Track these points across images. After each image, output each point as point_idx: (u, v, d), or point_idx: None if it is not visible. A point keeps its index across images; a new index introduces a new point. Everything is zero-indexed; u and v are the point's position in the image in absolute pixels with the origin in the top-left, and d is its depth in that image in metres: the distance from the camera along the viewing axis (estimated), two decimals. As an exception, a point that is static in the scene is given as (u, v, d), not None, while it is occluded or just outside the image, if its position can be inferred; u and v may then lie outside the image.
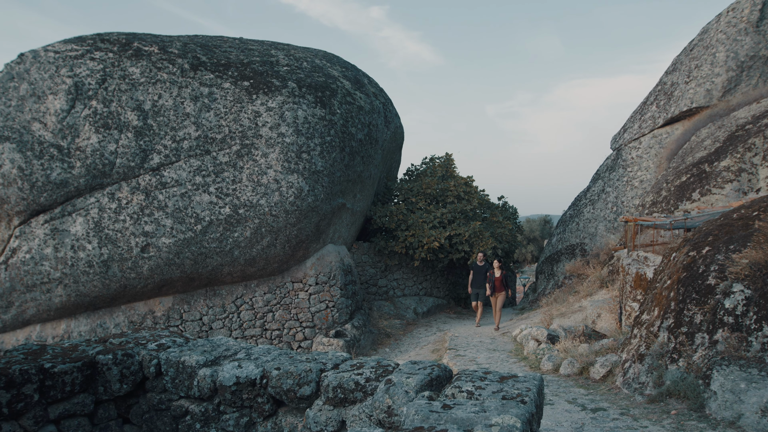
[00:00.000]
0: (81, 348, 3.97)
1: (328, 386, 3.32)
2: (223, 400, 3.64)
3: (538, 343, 9.76)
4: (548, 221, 43.37)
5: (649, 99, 18.74)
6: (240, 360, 3.77)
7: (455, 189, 17.79)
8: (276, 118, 12.44)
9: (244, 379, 3.56)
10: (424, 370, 3.26)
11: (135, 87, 12.07)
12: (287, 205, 12.39)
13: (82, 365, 3.72)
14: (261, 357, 3.81)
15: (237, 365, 3.65)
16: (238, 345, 4.13)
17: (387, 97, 17.02)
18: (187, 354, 3.87)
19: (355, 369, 3.45)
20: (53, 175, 11.54)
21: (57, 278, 11.70)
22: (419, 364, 3.39)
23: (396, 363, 3.54)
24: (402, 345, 14.23)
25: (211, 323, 12.88)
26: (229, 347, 4.08)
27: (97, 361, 3.83)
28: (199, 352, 3.90)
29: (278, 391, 3.46)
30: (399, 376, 3.19)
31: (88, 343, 4.10)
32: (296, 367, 3.45)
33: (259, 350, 3.97)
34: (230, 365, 3.65)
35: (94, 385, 3.82)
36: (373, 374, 3.34)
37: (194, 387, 3.74)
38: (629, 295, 9.63)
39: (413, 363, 3.42)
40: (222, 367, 3.66)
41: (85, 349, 3.95)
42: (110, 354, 3.86)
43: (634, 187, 17.18)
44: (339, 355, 3.75)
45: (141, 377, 3.98)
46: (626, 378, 6.97)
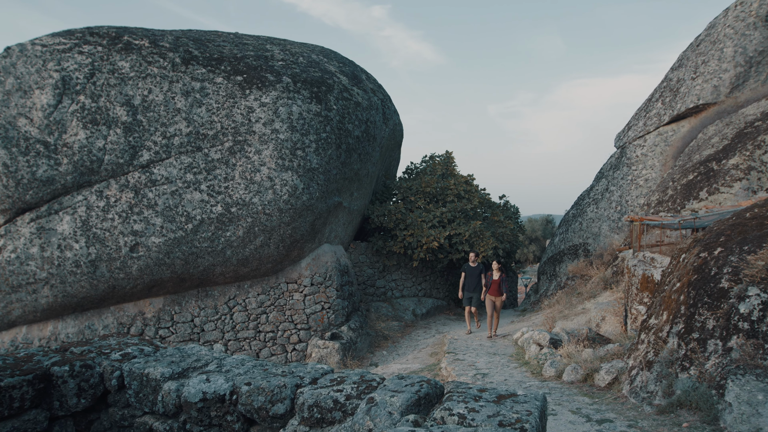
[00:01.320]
0: (36, 358, 3.60)
1: (304, 404, 2.95)
2: (189, 417, 3.26)
3: (540, 348, 9.37)
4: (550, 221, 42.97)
5: (654, 96, 18.33)
6: (209, 373, 3.39)
7: (455, 188, 17.39)
8: (270, 114, 12.07)
9: (211, 395, 3.18)
10: (411, 386, 2.88)
11: (124, 81, 11.70)
12: (281, 203, 12.01)
13: (34, 378, 3.34)
14: (233, 369, 3.43)
15: (205, 379, 3.27)
16: (211, 355, 3.76)
17: (385, 93, 16.64)
18: (152, 365, 3.49)
19: (335, 384, 3.08)
20: (39, 172, 11.18)
21: (43, 278, 11.34)
22: (407, 380, 3.01)
23: (381, 377, 3.16)
24: (400, 347, 13.85)
25: (203, 325, 12.51)
26: (200, 357, 3.70)
27: (51, 373, 3.45)
28: (166, 363, 3.53)
29: (249, 408, 3.09)
30: (383, 394, 2.81)
31: (45, 352, 3.72)
32: (269, 382, 3.08)
33: (232, 361, 3.59)
34: (197, 379, 3.28)
35: (49, 400, 3.45)
36: (354, 391, 2.96)
37: (159, 402, 3.37)
38: (635, 298, 9.23)
39: (400, 378, 3.04)
40: (189, 381, 3.29)
41: (40, 360, 3.57)
42: (67, 365, 3.48)
43: (638, 186, 16.77)
44: (319, 367, 3.37)
45: (102, 390, 3.61)
46: (633, 386, 6.58)
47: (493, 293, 12.24)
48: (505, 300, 12.39)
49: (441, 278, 18.20)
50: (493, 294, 12.25)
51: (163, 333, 12.30)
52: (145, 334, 12.19)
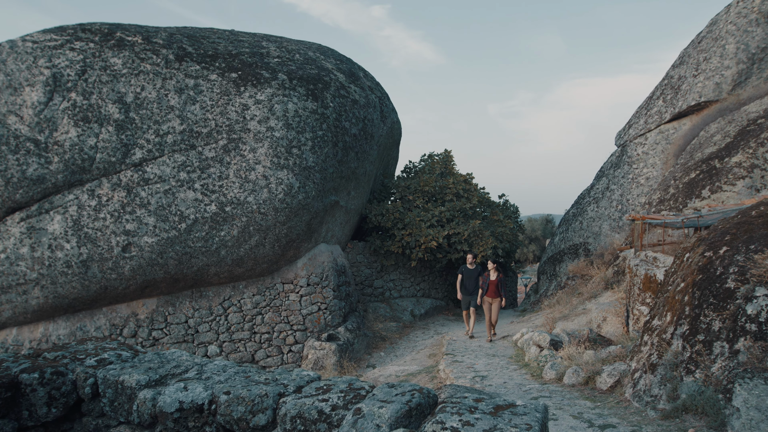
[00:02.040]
0: (5, 365, 3.39)
1: (286, 415, 2.73)
2: (164, 428, 3.05)
3: (540, 349, 9.17)
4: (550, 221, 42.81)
5: (655, 93, 18.13)
6: (188, 380, 3.18)
7: (454, 186, 17.18)
8: (265, 112, 11.86)
9: (189, 404, 2.97)
10: (402, 396, 2.67)
11: (117, 78, 11.49)
12: (276, 202, 11.80)
13: (0, 386, 3.13)
14: (214, 376, 3.22)
15: (183, 387, 3.07)
16: (192, 360, 3.55)
17: (383, 91, 16.43)
18: (127, 372, 3.28)
19: (321, 393, 2.86)
20: (29, 170, 10.96)
21: (34, 279, 11.12)
22: (397, 388, 2.80)
23: (371, 385, 2.95)
24: (398, 349, 13.65)
25: (197, 326, 12.30)
26: (180, 363, 3.49)
27: (20, 380, 3.24)
28: (143, 370, 3.32)
29: (228, 419, 2.88)
30: (371, 404, 2.60)
31: (15, 358, 3.51)
32: (249, 391, 2.86)
33: (213, 367, 3.38)
34: (174, 387, 3.07)
35: (17, 410, 3.24)
36: (341, 400, 2.75)
37: (134, 412, 3.16)
38: (637, 298, 9.02)
39: (390, 387, 2.83)
40: (165, 389, 3.08)
41: (9, 366, 3.36)
42: (37, 372, 3.28)
43: (639, 185, 16.57)
44: (305, 374, 3.16)
45: (75, 399, 3.40)
46: (636, 390, 6.37)
47: (490, 295, 11.66)
48: (504, 303, 11.79)
49: (440, 278, 18.00)
50: (490, 296, 11.67)
51: (156, 334, 12.09)
52: (138, 335, 11.99)
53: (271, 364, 12.62)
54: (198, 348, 12.26)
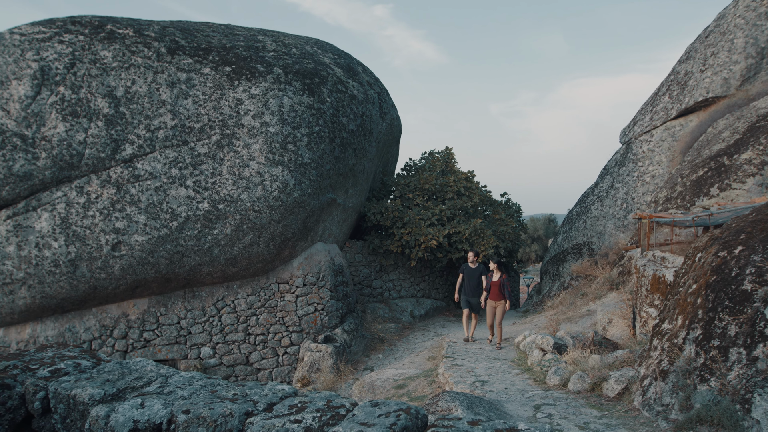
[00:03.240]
0: (-53, 376, 3.03)
1: (253, 438, 2.38)
2: (119, 450, 2.69)
3: (543, 353, 8.80)
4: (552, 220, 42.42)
5: (661, 90, 17.72)
6: (147, 395, 2.82)
7: (455, 184, 16.80)
8: (259, 106, 11.50)
9: (144, 423, 2.62)
10: (386, 418, 2.31)
11: (106, 72, 11.14)
12: (271, 200, 11.45)
13: (-65, 402, 2.77)
14: (177, 390, 2.87)
15: (139, 403, 2.71)
16: (156, 371, 3.19)
17: (383, 86, 16.06)
18: (81, 385, 2.93)
19: (294, 412, 2.50)
20: (16, 166, 10.62)
21: (20, 278, 10.78)
22: (381, 407, 2.44)
23: (352, 402, 2.59)
24: (396, 351, 13.28)
25: (189, 327, 11.95)
26: (143, 374, 3.13)
27: (-40, 394, 2.89)
28: (99, 383, 2.96)
29: (188, 442, 2.52)
30: (350, 427, 2.23)
31: (-40, 368, 3.15)
32: (212, 409, 2.50)
33: (179, 380, 3.02)
34: (130, 403, 2.71)
35: (-43, 427, 2.88)
36: (316, 422, 2.39)
37: (86, 431, 2.80)
38: (645, 300, 8.64)
39: (373, 405, 2.47)
40: (120, 406, 2.72)
41: (-49, 378, 3.00)
42: (-20, 385, 2.91)
43: (645, 183, 16.17)
44: (279, 389, 2.80)
45: (24, 414, 3.04)
46: (646, 398, 5.99)
47: (493, 297, 10.84)
48: (508, 306, 10.86)
49: (440, 278, 17.62)
50: (493, 298, 10.83)
51: (147, 336, 11.74)
52: (129, 336, 11.64)
53: (266, 367, 12.27)
54: (191, 350, 11.91)
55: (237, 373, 12.10)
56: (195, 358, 11.91)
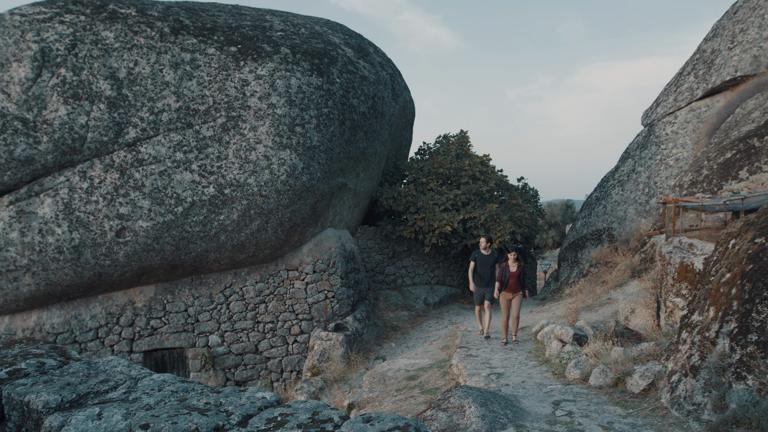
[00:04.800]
0: None
1: (222, 460, 2.00)
2: (74, 467, 2.34)
3: (562, 344, 8.35)
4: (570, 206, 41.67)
5: (685, 69, 16.96)
6: (108, 403, 2.46)
7: (470, 168, 16.29)
8: (266, 88, 11.09)
9: (98, 438, 2.25)
10: (378, 437, 1.91)
11: (108, 53, 10.80)
12: (279, 184, 11.07)
13: None
14: (143, 397, 2.50)
15: (96, 414, 2.34)
16: (127, 373, 2.83)
17: (395, 68, 15.54)
18: (37, 390, 2.57)
19: (273, 428, 2.12)
20: (17, 151, 10.36)
21: (24, 265, 10.57)
22: (375, 424, 2.04)
23: (342, 416, 2.20)
24: (409, 340, 12.92)
25: (197, 315, 11.69)
26: (111, 377, 2.77)
27: None
28: (58, 387, 2.60)
29: (148, 461, 2.16)
30: (334, 449, 1.83)
31: None
32: (174, 424, 2.13)
33: (148, 384, 2.65)
34: (86, 413, 2.35)
35: None
36: (296, 440, 2.00)
37: (41, 442, 2.45)
38: (671, 289, 8.14)
39: (366, 421, 2.07)
40: (74, 416, 2.35)
41: None
42: (-75, 389, 2.57)
43: (668, 166, 15.51)
44: (259, 397, 2.42)
45: (-23, 421, 2.70)
46: (675, 395, 5.54)
47: (509, 289, 9.69)
48: (527, 297, 9.96)
49: (455, 265, 17.19)
50: (509, 290, 9.70)
51: (154, 323, 11.51)
52: (136, 324, 11.42)
53: (276, 355, 11.99)
54: (198, 338, 11.66)
55: (246, 362, 11.85)
56: (203, 346, 11.67)
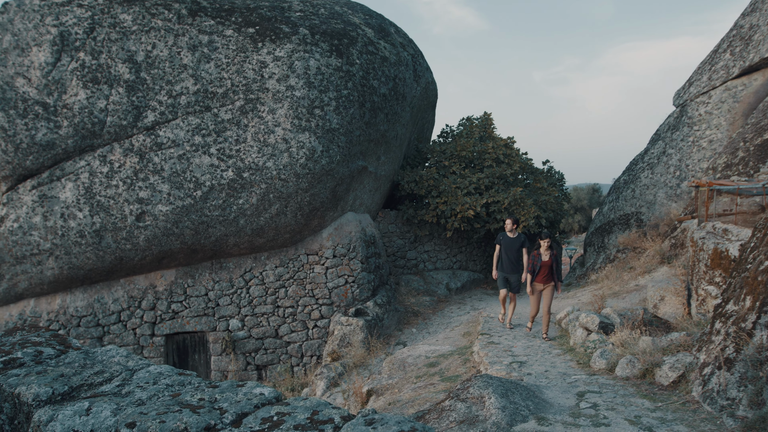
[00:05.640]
0: None
1: (211, 464, 1.85)
2: (63, 465, 2.21)
3: (587, 332, 8.08)
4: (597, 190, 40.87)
5: (721, 46, 16.24)
6: (99, 397, 2.32)
7: (494, 151, 15.92)
8: (284, 69, 10.90)
9: (85, 436, 2.12)
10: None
11: (126, 36, 10.71)
12: (298, 167, 10.93)
13: None
14: (136, 391, 2.36)
15: (86, 408, 2.21)
16: (124, 364, 2.70)
17: (417, 48, 15.20)
18: (28, 381, 2.45)
19: (267, 429, 1.95)
20: (38, 135, 10.39)
21: (47, 249, 10.67)
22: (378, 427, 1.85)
23: (343, 415, 2.02)
24: (431, 325, 12.75)
25: (217, 299, 11.69)
26: (107, 368, 2.65)
27: None
28: (51, 378, 2.48)
29: (135, 462, 2.02)
30: (330, 456, 1.66)
31: None
32: (162, 423, 1.98)
33: (143, 377, 2.52)
34: (74, 408, 2.22)
35: None
36: (292, 443, 1.83)
37: (31, 437, 2.33)
38: (703, 276, 7.78)
39: (368, 423, 1.88)
40: (62, 411, 2.22)
41: None
42: None
43: (701, 149, 14.93)
44: (257, 393, 2.26)
45: (-30, 413, 2.59)
46: (707, 389, 5.26)
47: (540, 279, 8.87)
48: (560, 290, 9.09)
49: (477, 249, 16.91)
50: (540, 280, 8.87)
51: (175, 307, 11.55)
52: (157, 308, 11.47)
53: (296, 340, 11.95)
54: (219, 322, 11.67)
55: (266, 346, 11.83)
56: (223, 330, 11.68)
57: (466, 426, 4.88)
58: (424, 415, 5.58)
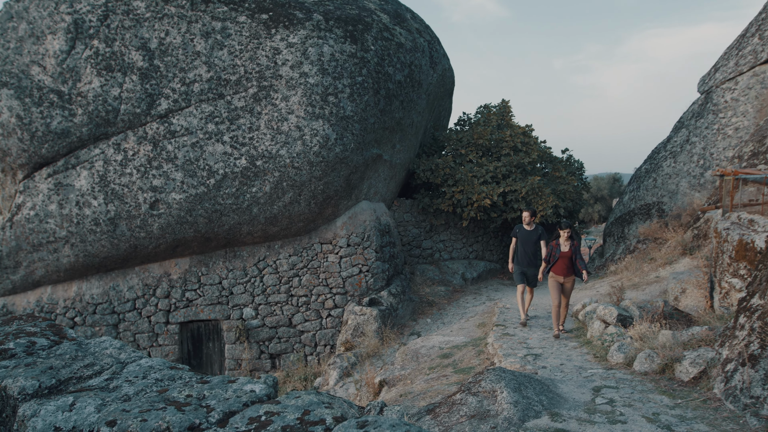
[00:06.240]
0: None
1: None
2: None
3: (605, 325, 7.88)
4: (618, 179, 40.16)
5: (749, 30, 15.69)
6: (85, 392, 2.23)
7: (512, 139, 15.64)
8: (298, 56, 10.76)
9: (68, 433, 2.03)
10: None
11: (140, 23, 10.65)
12: (311, 155, 10.81)
13: None
14: (124, 386, 2.27)
15: (69, 403, 2.12)
16: (116, 357, 2.61)
17: (433, 34, 14.93)
18: (15, 374, 2.37)
19: (253, 430, 1.83)
20: (53, 123, 10.41)
21: (63, 237, 10.73)
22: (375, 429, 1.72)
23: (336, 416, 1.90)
24: (445, 315, 12.62)
25: (231, 288, 11.68)
26: (98, 360, 2.56)
27: None
28: (38, 371, 2.40)
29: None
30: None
31: None
32: (143, 422, 1.88)
33: (133, 370, 2.42)
34: (58, 403, 2.13)
35: None
36: (278, 446, 1.71)
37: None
38: (727, 269, 7.52)
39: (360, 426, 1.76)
40: (45, 406, 2.14)
41: None
42: None
43: (727, 137, 14.49)
44: (248, 390, 2.14)
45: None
46: (730, 386, 5.05)
47: (560, 271, 8.22)
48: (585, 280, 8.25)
49: (494, 239, 16.69)
50: (560, 272, 8.22)
51: (189, 295, 11.57)
52: (172, 296, 11.50)
53: (310, 329, 11.91)
54: (233, 310, 11.67)
55: (280, 335, 11.81)
56: (237, 318, 11.68)
57: (477, 421, 4.75)
58: (434, 408, 5.46)
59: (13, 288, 11.30)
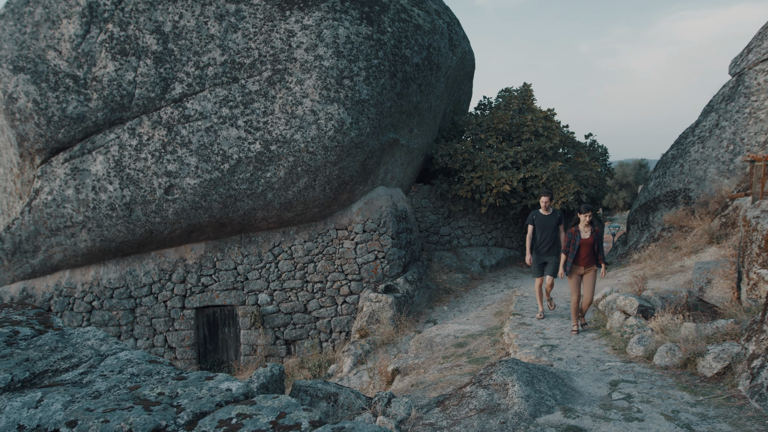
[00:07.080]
0: None
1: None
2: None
3: (625, 316, 7.61)
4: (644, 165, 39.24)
5: (785, 9, 14.99)
6: (56, 387, 2.12)
7: (533, 124, 15.25)
8: (313, 38, 10.55)
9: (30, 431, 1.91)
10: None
11: (153, 6, 10.55)
12: (326, 140, 10.65)
13: None
14: (98, 381, 2.15)
15: (37, 399, 2.01)
16: (96, 349, 2.49)
17: (453, 16, 14.57)
18: (-11, 367, 2.26)
19: None
20: (69, 108, 10.42)
21: (80, 222, 10.78)
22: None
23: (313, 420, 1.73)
24: (462, 303, 12.44)
25: (246, 273, 11.65)
26: (77, 351, 2.45)
27: None
28: (12, 363, 2.30)
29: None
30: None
31: None
32: (105, 423, 1.74)
33: (109, 365, 2.30)
34: (24, 399, 2.01)
35: None
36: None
37: (-11, 427, 2.15)
38: (756, 259, 7.18)
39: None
40: (11, 401, 2.02)
41: None
42: None
43: (759, 120, 13.91)
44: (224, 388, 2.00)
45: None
46: (756, 384, 4.79)
47: (581, 262, 7.59)
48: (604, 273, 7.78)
49: (514, 226, 16.39)
50: (581, 263, 7.60)
51: (205, 281, 11.57)
52: (187, 281, 11.51)
53: (325, 315, 11.84)
54: (248, 296, 11.65)
55: (295, 321, 11.77)
56: (252, 304, 11.66)
57: (486, 415, 4.58)
58: (444, 400, 5.31)
59: (33, 272, 11.43)
